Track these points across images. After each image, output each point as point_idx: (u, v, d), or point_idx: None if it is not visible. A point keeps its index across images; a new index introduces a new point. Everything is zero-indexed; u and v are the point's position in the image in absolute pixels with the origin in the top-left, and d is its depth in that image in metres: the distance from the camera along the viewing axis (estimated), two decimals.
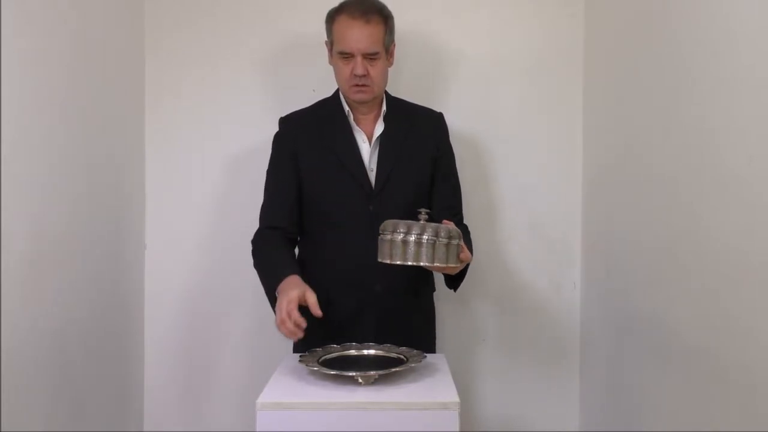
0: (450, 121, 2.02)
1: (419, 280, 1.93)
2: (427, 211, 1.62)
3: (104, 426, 2.02)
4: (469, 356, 2.34)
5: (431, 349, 1.95)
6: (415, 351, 1.66)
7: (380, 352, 1.68)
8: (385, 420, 1.37)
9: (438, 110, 2.00)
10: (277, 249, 1.84)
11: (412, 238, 1.54)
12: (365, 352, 1.68)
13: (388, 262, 1.57)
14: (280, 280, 1.70)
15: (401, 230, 1.55)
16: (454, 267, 1.63)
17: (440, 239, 1.55)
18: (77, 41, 1.87)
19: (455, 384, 1.50)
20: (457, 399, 1.40)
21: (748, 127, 1.32)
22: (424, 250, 1.54)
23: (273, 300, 1.72)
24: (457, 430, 1.37)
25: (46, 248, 1.70)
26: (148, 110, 2.29)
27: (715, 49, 1.46)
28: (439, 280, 2.06)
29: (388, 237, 1.56)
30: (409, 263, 1.56)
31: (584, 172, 2.32)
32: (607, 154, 2.13)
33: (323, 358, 1.61)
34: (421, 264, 1.56)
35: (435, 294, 2.04)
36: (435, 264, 1.56)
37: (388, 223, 1.59)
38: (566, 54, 2.31)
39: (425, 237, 1.54)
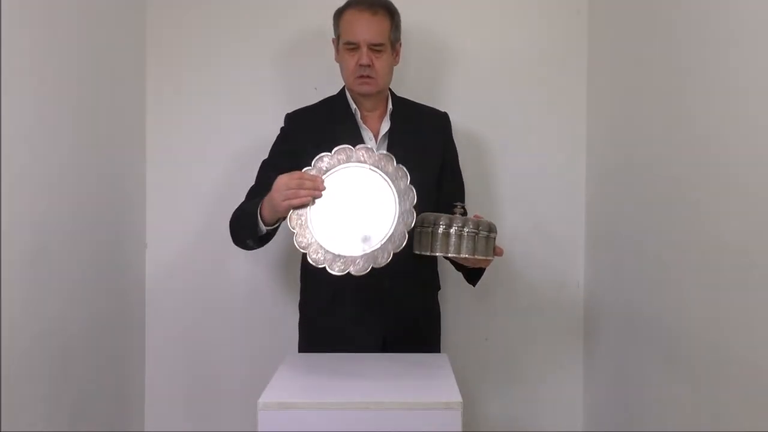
0: (454, 119, 2.01)
1: (426, 280, 1.92)
2: (463, 205, 1.64)
3: (105, 426, 2.02)
4: (472, 356, 2.33)
5: (436, 349, 1.95)
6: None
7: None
8: (387, 420, 1.36)
9: (442, 109, 1.99)
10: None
11: (453, 230, 1.55)
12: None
13: (427, 253, 1.58)
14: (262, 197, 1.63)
15: (442, 222, 1.56)
16: (489, 260, 1.64)
17: (481, 232, 1.57)
18: (78, 40, 1.86)
19: (458, 383, 1.49)
20: (459, 399, 1.39)
21: (754, 125, 1.31)
22: (465, 242, 1.56)
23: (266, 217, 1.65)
24: (460, 430, 1.36)
25: (46, 248, 1.69)
26: (149, 109, 2.28)
27: (720, 47, 1.45)
28: (443, 279, 2.06)
29: (429, 229, 1.57)
30: (450, 255, 1.58)
31: (588, 170, 2.30)
32: (611, 152, 2.12)
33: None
34: (462, 256, 1.57)
35: (438, 293, 2.03)
36: (476, 256, 1.57)
37: (428, 216, 1.59)
38: (570, 52, 2.30)
39: (466, 230, 1.55)
